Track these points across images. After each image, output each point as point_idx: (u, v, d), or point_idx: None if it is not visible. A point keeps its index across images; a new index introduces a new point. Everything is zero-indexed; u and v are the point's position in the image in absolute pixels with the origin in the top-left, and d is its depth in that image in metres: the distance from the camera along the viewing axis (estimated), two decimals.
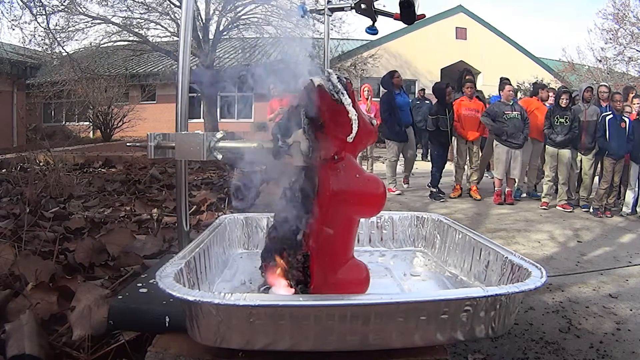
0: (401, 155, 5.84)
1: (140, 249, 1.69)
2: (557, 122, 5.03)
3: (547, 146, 5.22)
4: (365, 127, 0.98)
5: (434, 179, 5.49)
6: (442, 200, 5.36)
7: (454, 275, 1.26)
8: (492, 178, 5.78)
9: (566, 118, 5.00)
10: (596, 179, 5.13)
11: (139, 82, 14.64)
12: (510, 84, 5.57)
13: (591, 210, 4.92)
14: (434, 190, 5.47)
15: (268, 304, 0.77)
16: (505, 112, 5.17)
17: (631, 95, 5.09)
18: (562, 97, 5.07)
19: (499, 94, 5.90)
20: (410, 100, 6.79)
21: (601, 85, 5.60)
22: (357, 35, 12.72)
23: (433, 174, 5.51)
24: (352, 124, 0.94)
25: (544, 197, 5.20)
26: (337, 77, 0.94)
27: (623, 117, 4.77)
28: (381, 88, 6.65)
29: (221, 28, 11.39)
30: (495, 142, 5.37)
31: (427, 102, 9.00)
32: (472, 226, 3.40)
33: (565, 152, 5.07)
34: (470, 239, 1.23)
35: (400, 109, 5.58)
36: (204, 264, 1.11)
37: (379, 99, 6.43)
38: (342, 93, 0.93)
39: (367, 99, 6.05)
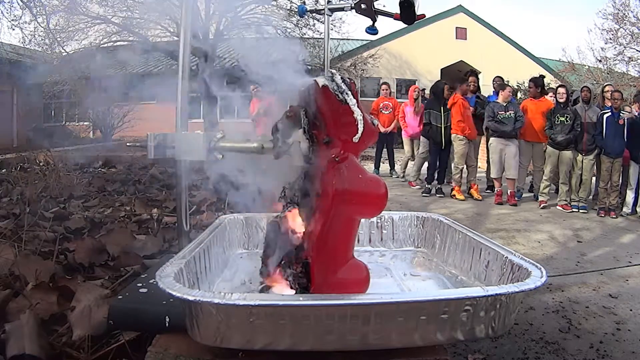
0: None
1: (140, 249, 1.69)
2: (557, 121, 5.01)
3: (547, 146, 5.21)
4: (368, 128, 0.98)
5: (429, 175, 5.62)
6: (428, 196, 5.51)
7: (454, 275, 1.26)
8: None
9: (567, 117, 4.97)
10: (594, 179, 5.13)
11: (139, 82, 14.62)
12: (506, 84, 5.58)
13: (592, 210, 4.91)
14: (428, 186, 5.58)
15: (268, 303, 0.77)
16: (499, 113, 5.18)
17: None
18: (558, 92, 5.06)
19: (494, 94, 5.90)
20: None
21: (607, 85, 5.60)
22: (357, 35, 12.73)
23: (429, 172, 5.63)
24: (357, 124, 0.94)
25: (540, 194, 5.20)
26: (341, 78, 0.94)
27: (621, 115, 4.76)
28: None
29: (221, 28, 11.37)
30: (490, 141, 5.39)
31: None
32: (472, 226, 3.39)
33: (567, 153, 5.06)
34: (470, 239, 1.23)
35: None
36: (204, 264, 1.11)
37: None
38: (346, 93, 0.92)
39: (415, 99, 6.25)
